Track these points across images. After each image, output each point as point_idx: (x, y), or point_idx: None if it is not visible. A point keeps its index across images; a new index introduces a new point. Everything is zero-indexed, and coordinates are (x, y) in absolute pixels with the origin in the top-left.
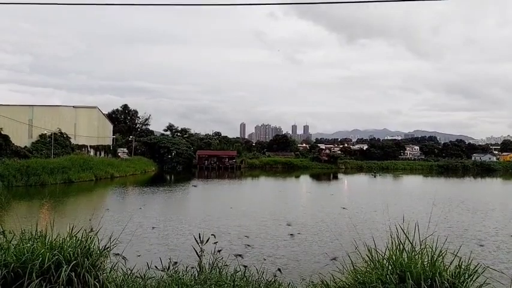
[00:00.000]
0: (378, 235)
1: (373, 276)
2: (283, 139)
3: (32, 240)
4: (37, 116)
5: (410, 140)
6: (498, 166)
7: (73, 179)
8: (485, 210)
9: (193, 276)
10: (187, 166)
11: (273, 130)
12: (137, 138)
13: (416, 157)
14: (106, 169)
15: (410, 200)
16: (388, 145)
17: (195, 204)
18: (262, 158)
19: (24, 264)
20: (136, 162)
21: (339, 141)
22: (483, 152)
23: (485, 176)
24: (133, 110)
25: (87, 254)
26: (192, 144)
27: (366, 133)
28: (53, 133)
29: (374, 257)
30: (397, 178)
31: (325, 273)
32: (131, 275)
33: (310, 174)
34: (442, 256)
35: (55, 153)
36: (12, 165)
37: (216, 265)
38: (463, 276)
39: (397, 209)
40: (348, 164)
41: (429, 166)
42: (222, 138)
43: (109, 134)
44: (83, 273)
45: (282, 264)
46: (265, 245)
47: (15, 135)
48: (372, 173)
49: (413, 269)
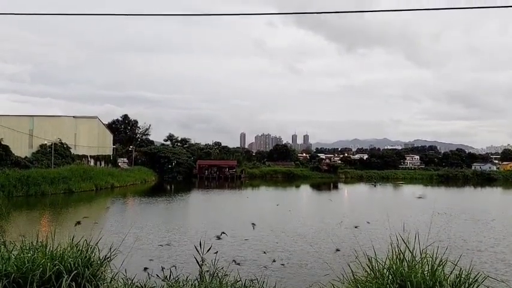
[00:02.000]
0: (378, 245)
1: (374, 285)
2: (283, 149)
3: (33, 251)
4: (37, 126)
5: (410, 149)
6: (498, 175)
7: (73, 189)
8: (486, 220)
9: (194, 285)
10: (188, 176)
11: (273, 140)
12: (137, 148)
13: (417, 166)
14: (106, 179)
15: (410, 210)
16: (388, 154)
17: (195, 213)
18: (263, 167)
19: (25, 275)
20: (136, 172)
21: (339, 151)
22: (483, 161)
23: (486, 185)
24: (134, 120)
25: (88, 264)
26: (192, 154)
27: (366, 142)
28: (54, 143)
29: (374, 266)
30: (397, 187)
31: (325, 283)
32: (131, 284)
33: (310, 184)
34: (442, 265)
35: (55, 163)
36: (13, 175)
37: (217, 274)
38: (463, 286)
39: (397, 218)
40: (348, 174)
41: (429, 175)
42: (222, 148)
43: (109, 144)
44: (84, 283)
45: (286, 273)
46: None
47: (15, 146)
48: (372, 183)
49: (414, 279)
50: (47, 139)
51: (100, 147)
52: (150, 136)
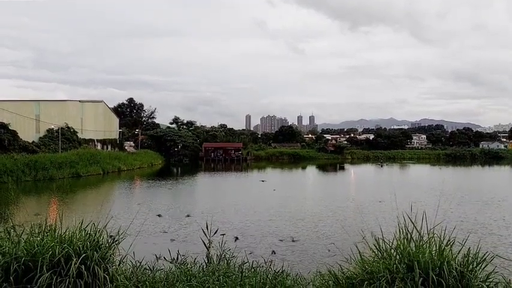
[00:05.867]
0: (385, 225)
1: (381, 266)
2: (289, 130)
3: (42, 234)
4: (44, 111)
5: (417, 129)
6: (506, 154)
7: (81, 173)
8: (494, 200)
9: (202, 267)
10: (194, 158)
11: (278, 121)
12: (143, 131)
13: (424, 146)
14: (113, 163)
15: (417, 190)
16: (394, 134)
17: (203, 196)
18: (268, 149)
19: (35, 258)
20: (143, 156)
21: (345, 132)
22: (491, 139)
23: (493, 164)
24: (139, 103)
25: (96, 247)
26: (198, 136)
27: (372, 123)
28: (60, 128)
29: (381, 246)
30: (404, 167)
31: (332, 263)
32: (140, 267)
33: (316, 165)
34: (450, 245)
35: (62, 147)
36: (21, 160)
37: (224, 256)
38: (472, 265)
39: (404, 199)
40: (355, 154)
41: (436, 155)
42: (227, 131)
43: (115, 127)
44: (93, 266)
45: (290, 253)
46: (268, 236)
47: (22, 131)
48: (378, 163)
49: (421, 258)
50: (53, 124)
51: (106, 131)
52: (155, 119)
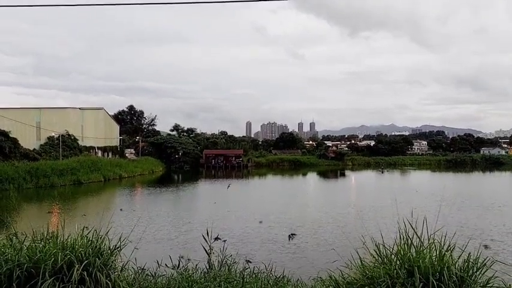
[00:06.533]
0: (386, 230)
1: (381, 271)
2: (290, 137)
3: (44, 241)
4: (44, 118)
5: (418, 135)
6: (507, 159)
7: (82, 180)
8: (494, 206)
9: (203, 273)
10: (195, 165)
11: (279, 128)
12: (144, 138)
13: (424, 152)
14: (114, 170)
15: (417, 196)
16: (395, 141)
17: (203, 203)
18: (269, 156)
19: (37, 264)
20: (143, 163)
21: (346, 138)
22: (492, 145)
23: (494, 170)
24: (140, 110)
25: (98, 253)
26: (199, 143)
27: (373, 129)
28: (61, 135)
29: (382, 252)
30: (405, 173)
31: (333, 269)
32: (142, 273)
33: (317, 172)
34: (450, 250)
35: (63, 155)
36: (22, 167)
37: (225, 262)
38: (472, 270)
39: (405, 204)
40: (355, 161)
41: (437, 161)
42: (228, 137)
43: (116, 135)
44: (95, 273)
45: (288, 261)
46: (269, 242)
47: (23, 138)
48: (379, 169)
49: (422, 264)
50: (54, 131)
51: (107, 139)
52: (156, 126)
